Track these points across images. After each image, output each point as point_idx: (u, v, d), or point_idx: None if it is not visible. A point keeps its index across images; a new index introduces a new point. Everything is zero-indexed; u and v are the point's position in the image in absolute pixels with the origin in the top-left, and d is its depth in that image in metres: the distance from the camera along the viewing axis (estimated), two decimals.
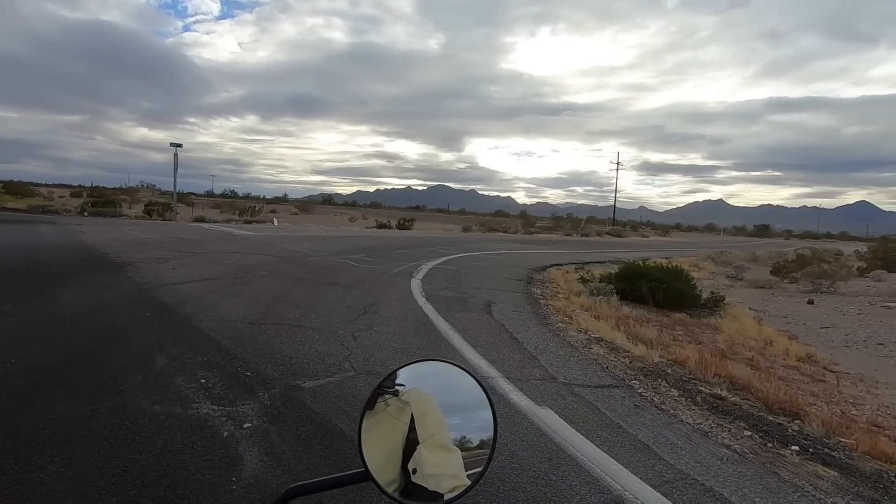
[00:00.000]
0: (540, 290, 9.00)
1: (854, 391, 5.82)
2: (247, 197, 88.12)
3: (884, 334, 8.36)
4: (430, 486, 0.76)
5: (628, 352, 5.20)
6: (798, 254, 31.55)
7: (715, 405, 3.81)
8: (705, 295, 10.54)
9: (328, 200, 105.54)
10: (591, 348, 5.14)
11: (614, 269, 14.35)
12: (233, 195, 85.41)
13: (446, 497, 0.77)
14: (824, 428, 3.69)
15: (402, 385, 0.83)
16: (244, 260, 9.30)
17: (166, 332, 4.31)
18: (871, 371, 6.71)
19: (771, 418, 3.72)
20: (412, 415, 0.79)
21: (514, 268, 11.94)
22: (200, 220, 25.16)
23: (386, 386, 0.83)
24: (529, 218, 54.63)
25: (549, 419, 3.07)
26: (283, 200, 76.15)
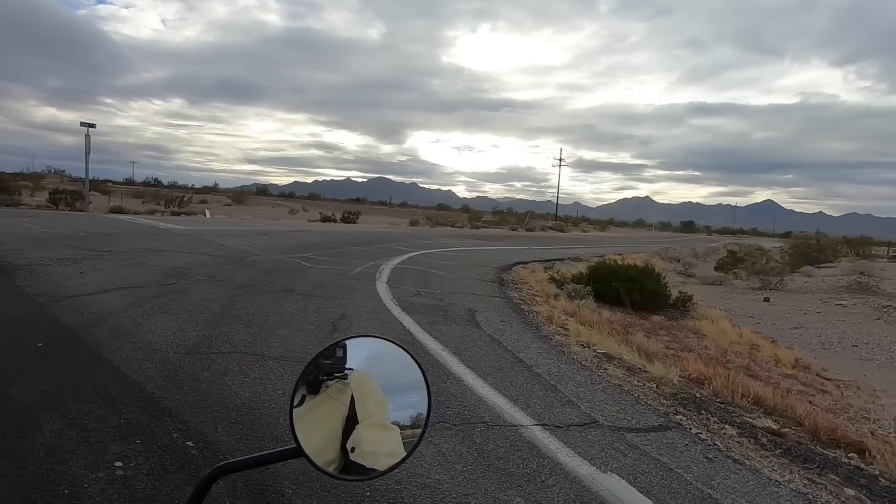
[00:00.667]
0: (516, 293, 8.28)
1: (860, 402, 5.54)
2: (173, 186, 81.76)
3: (853, 335, 8.41)
4: (368, 463, 0.76)
5: (645, 371, 4.56)
6: (729, 250, 33.39)
7: (783, 446, 3.19)
8: (673, 294, 10.32)
9: (263, 191, 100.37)
10: (605, 369, 4.43)
11: (578, 266, 13.99)
12: (156, 183, 78.89)
13: (380, 469, 0.77)
14: None
15: (350, 369, 0.80)
16: (174, 261, 7.83)
17: (65, 373, 3.07)
18: (861, 377, 6.55)
19: (846, 461, 3.15)
20: (352, 395, 0.78)
21: (479, 267, 11.18)
22: (119, 210, 22.38)
23: (325, 359, 0.81)
24: (475, 213, 54.36)
25: (626, 496, 2.26)
26: (213, 190, 71.08)
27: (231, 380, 3.18)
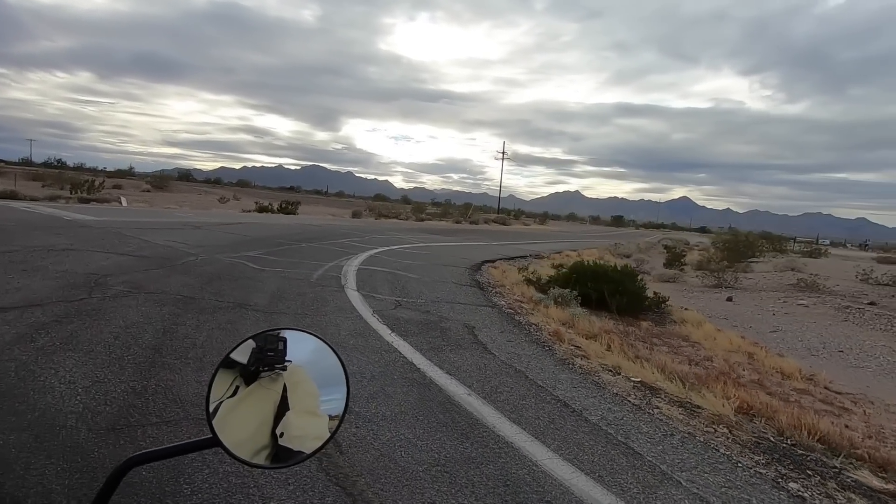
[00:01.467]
0: (502, 299, 7.42)
1: (886, 422, 5.21)
2: (80, 168, 73.52)
3: (832, 339, 8.35)
4: (295, 446, 0.78)
5: (698, 408, 3.86)
6: (665, 245, 34.74)
7: None
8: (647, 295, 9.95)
9: (186, 176, 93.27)
10: (658, 408, 3.67)
11: (543, 264, 13.42)
12: (60, 165, 70.45)
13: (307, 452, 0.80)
14: None
15: (289, 361, 0.82)
16: (85, 264, 6.19)
17: None
18: (864, 387, 6.32)
19: None
20: (285, 385, 0.80)
21: (449, 267, 10.22)
22: (11, 196, 19.08)
23: (269, 352, 0.82)
24: (419, 204, 52.97)
25: None
26: (129, 174, 64.34)
27: (194, 489, 2.00)
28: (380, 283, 7.28)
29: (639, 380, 4.34)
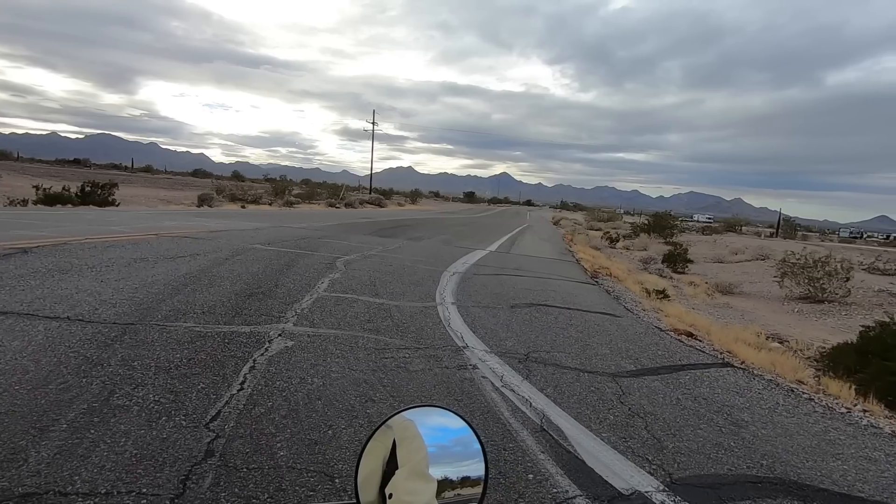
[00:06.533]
0: None
1: None
2: None
3: None
4: None
5: None
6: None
7: None
8: None
9: None
10: None
11: (628, 285, 8.36)
12: None
13: None
14: None
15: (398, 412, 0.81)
16: None
17: None
18: None
19: None
20: (394, 440, 0.78)
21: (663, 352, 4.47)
22: None
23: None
24: (281, 184, 42.38)
25: None
26: None
27: None
28: None
29: None
